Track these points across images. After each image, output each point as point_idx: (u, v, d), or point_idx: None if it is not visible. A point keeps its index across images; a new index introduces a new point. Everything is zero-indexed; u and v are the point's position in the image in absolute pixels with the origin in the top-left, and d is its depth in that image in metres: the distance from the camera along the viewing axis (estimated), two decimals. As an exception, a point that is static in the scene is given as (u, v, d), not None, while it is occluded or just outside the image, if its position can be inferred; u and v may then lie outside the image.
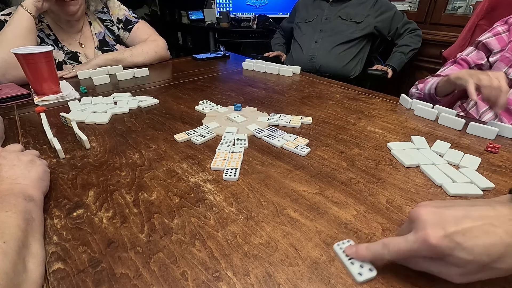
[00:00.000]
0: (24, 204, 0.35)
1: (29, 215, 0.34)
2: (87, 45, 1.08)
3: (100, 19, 1.11)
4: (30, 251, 0.31)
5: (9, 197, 0.35)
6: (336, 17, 1.53)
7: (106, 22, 1.12)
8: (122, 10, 1.16)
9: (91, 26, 1.09)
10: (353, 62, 1.54)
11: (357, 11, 1.51)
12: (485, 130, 0.61)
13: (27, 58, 0.72)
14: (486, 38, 0.81)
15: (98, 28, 1.10)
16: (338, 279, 0.30)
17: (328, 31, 1.54)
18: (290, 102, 0.79)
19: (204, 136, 0.59)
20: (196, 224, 0.37)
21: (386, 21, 1.53)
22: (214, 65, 1.19)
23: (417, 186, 0.46)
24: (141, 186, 0.45)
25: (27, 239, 0.32)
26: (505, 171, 0.50)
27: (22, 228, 0.32)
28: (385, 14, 1.52)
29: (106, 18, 1.12)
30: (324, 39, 1.54)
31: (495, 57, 0.78)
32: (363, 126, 0.65)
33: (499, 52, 0.78)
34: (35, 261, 0.31)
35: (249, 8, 2.77)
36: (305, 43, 1.58)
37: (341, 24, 1.52)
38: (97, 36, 1.09)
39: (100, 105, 0.74)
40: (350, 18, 1.51)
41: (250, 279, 0.30)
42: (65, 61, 1.03)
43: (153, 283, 0.30)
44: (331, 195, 0.43)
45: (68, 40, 1.04)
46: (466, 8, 1.65)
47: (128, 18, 1.15)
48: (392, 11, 1.52)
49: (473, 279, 0.26)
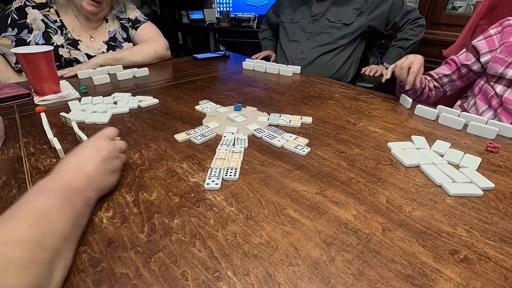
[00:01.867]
0: (81, 208, 0.35)
1: (79, 220, 0.34)
2: (97, 38, 1.10)
3: (117, 17, 1.15)
4: (62, 260, 0.30)
5: (73, 194, 0.35)
6: (324, 18, 1.34)
7: (122, 20, 1.16)
8: (135, 12, 1.21)
9: (107, 23, 1.13)
10: (345, 67, 1.37)
11: (347, 8, 1.30)
12: (485, 130, 0.61)
13: (27, 58, 0.72)
14: (476, 41, 0.83)
15: (113, 26, 1.14)
16: (338, 279, 0.30)
17: (315, 39, 1.35)
18: (290, 102, 0.79)
19: (204, 136, 0.59)
20: (196, 224, 0.37)
21: (382, 16, 1.32)
22: (214, 65, 1.19)
23: (417, 186, 0.46)
24: (141, 186, 0.45)
25: (65, 248, 0.31)
26: (505, 171, 0.50)
27: (67, 235, 0.31)
28: (381, 8, 1.30)
29: (123, 16, 1.17)
30: (310, 50, 1.36)
31: (485, 58, 0.80)
32: (363, 126, 0.65)
33: (488, 52, 0.79)
34: (62, 270, 0.30)
35: (249, 8, 2.77)
36: (290, 52, 1.41)
37: (329, 28, 1.33)
38: (109, 34, 1.13)
39: (100, 105, 0.74)
40: (339, 19, 1.31)
41: (250, 279, 0.30)
42: (63, 45, 1.03)
43: (153, 283, 0.30)
44: (331, 195, 0.43)
45: (79, 31, 1.06)
46: (466, 8, 1.65)
47: (137, 18, 1.20)
48: (389, 2, 1.30)
49: None
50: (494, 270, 0.32)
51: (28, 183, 0.45)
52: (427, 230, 0.37)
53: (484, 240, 0.36)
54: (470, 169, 0.49)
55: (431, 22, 1.67)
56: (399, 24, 1.34)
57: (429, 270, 0.32)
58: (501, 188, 0.45)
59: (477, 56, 0.82)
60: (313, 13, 1.35)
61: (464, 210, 0.41)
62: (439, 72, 0.90)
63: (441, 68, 0.90)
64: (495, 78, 0.78)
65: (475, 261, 0.33)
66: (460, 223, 0.38)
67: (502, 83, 0.76)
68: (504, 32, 0.78)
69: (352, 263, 0.32)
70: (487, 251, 0.34)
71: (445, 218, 0.39)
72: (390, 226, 0.37)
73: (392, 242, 0.35)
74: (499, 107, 0.77)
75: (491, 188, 0.45)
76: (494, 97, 0.78)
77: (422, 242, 0.35)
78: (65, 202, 0.33)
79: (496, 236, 0.36)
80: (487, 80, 0.81)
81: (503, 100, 0.75)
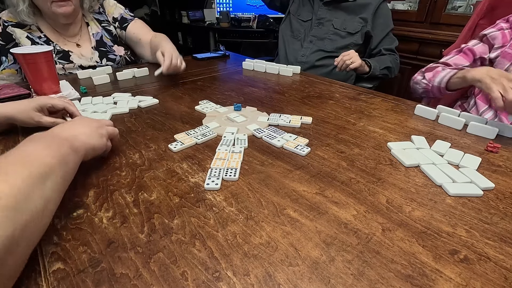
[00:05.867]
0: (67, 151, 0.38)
1: (66, 161, 0.37)
2: (84, 45, 1.06)
3: (97, 20, 1.09)
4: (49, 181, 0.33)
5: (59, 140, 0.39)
6: (329, 23, 1.29)
7: (103, 23, 1.10)
8: (118, 8, 1.12)
9: (89, 26, 1.07)
10: (346, 75, 1.30)
11: (354, 17, 1.26)
12: (485, 129, 0.61)
13: (27, 58, 0.72)
14: (491, 32, 0.80)
15: (96, 28, 1.08)
16: (338, 279, 0.30)
17: (317, 43, 1.31)
18: (290, 102, 0.79)
19: (204, 135, 0.59)
20: (196, 224, 0.37)
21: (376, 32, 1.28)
22: (214, 65, 1.19)
23: (417, 186, 0.46)
24: (141, 186, 0.45)
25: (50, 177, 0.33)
26: (505, 171, 0.50)
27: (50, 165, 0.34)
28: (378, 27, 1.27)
29: (103, 18, 1.10)
30: (312, 53, 1.31)
31: (496, 53, 0.78)
32: (363, 126, 0.65)
33: (500, 48, 0.77)
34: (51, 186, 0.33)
35: (249, 8, 2.77)
36: (291, 53, 1.37)
37: (333, 34, 1.29)
38: (95, 37, 1.07)
39: (100, 105, 0.74)
40: (344, 27, 1.27)
41: (250, 279, 0.30)
42: (56, 61, 1.00)
43: (153, 283, 0.30)
44: (331, 195, 0.43)
45: (64, 41, 1.02)
46: (466, 8, 1.65)
47: (123, 17, 1.12)
48: (388, 28, 1.28)
49: None
50: (494, 270, 0.32)
51: (28, 183, 0.45)
52: (427, 230, 0.37)
53: (484, 240, 0.36)
54: (470, 169, 0.49)
55: (431, 21, 1.67)
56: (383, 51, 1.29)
57: (429, 270, 0.32)
58: (501, 188, 0.45)
59: (491, 48, 0.80)
60: (319, 16, 1.32)
61: (464, 210, 0.41)
62: (457, 63, 0.84)
63: (457, 59, 0.85)
64: None
65: (475, 261, 0.33)
66: (460, 223, 0.38)
67: None
68: None
69: (352, 263, 0.32)
70: (487, 251, 0.34)
71: (445, 218, 0.39)
72: (390, 226, 0.37)
73: (392, 242, 0.35)
74: (499, 107, 0.76)
75: (491, 188, 0.45)
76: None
77: (422, 242, 0.35)
78: (52, 144, 0.37)
79: (496, 236, 0.36)
80: None
81: (503, 100, 0.75)
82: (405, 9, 1.81)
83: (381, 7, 1.26)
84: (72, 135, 0.42)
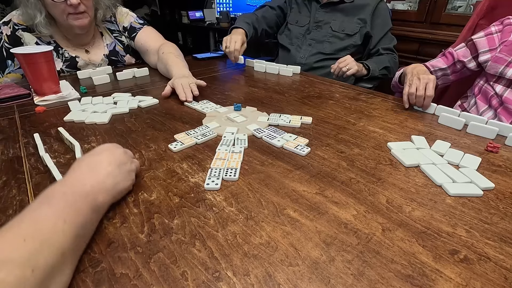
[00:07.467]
0: (88, 215, 0.33)
1: (85, 230, 0.32)
2: (93, 51, 1.06)
3: (109, 29, 1.09)
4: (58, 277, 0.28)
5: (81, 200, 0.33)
6: (327, 26, 1.29)
7: (114, 32, 1.09)
8: (129, 17, 1.10)
9: (103, 37, 1.07)
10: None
11: (352, 18, 1.26)
12: (485, 129, 0.61)
13: (27, 58, 0.72)
14: (477, 37, 0.82)
15: (109, 39, 1.08)
16: (338, 279, 0.30)
17: (316, 46, 1.30)
18: (290, 102, 0.79)
19: (204, 135, 0.59)
20: (196, 224, 0.37)
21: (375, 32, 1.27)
22: (214, 64, 1.19)
23: (417, 186, 0.46)
24: (141, 186, 0.45)
25: (62, 262, 0.28)
26: (505, 171, 0.50)
27: (65, 248, 0.29)
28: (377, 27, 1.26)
29: (114, 28, 1.09)
30: (311, 56, 1.31)
31: (485, 57, 0.79)
32: (363, 126, 0.65)
33: (488, 51, 0.79)
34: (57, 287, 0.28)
35: (249, 8, 2.77)
36: (291, 56, 1.35)
37: (331, 37, 1.28)
38: (108, 47, 1.08)
39: (100, 105, 0.73)
40: (342, 29, 1.27)
41: (250, 279, 0.30)
42: (63, 69, 1.01)
43: (153, 283, 0.30)
44: (331, 195, 0.43)
45: (73, 47, 1.02)
46: (466, 8, 1.65)
47: (132, 26, 1.10)
48: (386, 28, 1.27)
49: None
50: (494, 270, 0.32)
51: (28, 183, 0.45)
52: (427, 230, 0.37)
53: (484, 240, 0.36)
54: (470, 169, 0.49)
55: (431, 21, 1.66)
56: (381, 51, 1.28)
57: (429, 270, 0.32)
58: (501, 188, 0.45)
59: (475, 54, 0.82)
60: (317, 19, 1.32)
61: (464, 210, 0.41)
62: (434, 65, 0.88)
63: (437, 61, 0.89)
64: (494, 78, 0.78)
65: (475, 261, 0.33)
66: (460, 223, 0.38)
67: (502, 83, 0.76)
68: (504, 31, 0.77)
69: (352, 263, 0.32)
70: (487, 251, 0.34)
71: (445, 218, 0.39)
72: (390, 226, 0.37)
73: (392, 242, 0.35)
74: (499, 107, 0.77)
75: (491, 188, 0.45)
76: (494, 96, 0.78)
77: (422, 242, 0.35)
78: (71, 210, 0.31)
79: (496, 236, 0.36)
80: (487, 79, 0.81)
81: (503, 100, 0.75)
82: (405, 9, 1.81)
83: (379, 7, 1.26)
84: (96, 184, 0.36)
